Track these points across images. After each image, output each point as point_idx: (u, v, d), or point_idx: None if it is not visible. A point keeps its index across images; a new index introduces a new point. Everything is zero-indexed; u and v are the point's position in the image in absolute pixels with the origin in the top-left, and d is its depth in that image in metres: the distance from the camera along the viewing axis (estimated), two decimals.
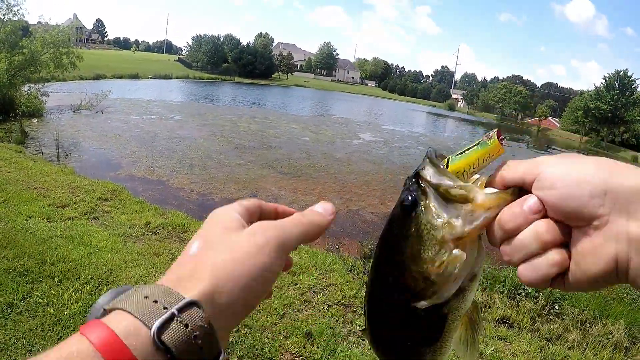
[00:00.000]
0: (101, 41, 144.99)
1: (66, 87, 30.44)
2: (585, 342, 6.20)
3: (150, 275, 5.36)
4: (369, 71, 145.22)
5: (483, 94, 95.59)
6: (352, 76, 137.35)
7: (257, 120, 27.11)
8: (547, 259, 0.50)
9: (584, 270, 0.48)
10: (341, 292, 6.04)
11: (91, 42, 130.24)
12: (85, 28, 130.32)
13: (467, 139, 37.72)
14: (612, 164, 0.47)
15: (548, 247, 0.50)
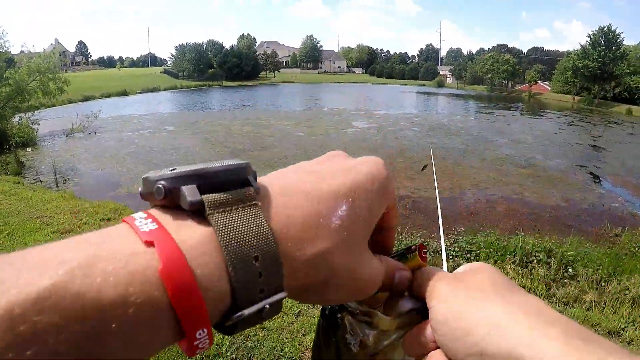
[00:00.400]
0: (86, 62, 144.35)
1: (56, 112, 30.45)
2: (603, 301, 6.21)
3: None
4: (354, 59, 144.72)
5: (471, 67, 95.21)
6: (339, 66, 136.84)
7: (250, 122, 27.05)
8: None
9: None
10: None
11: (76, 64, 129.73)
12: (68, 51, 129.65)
13: (461, 114, 37.72)
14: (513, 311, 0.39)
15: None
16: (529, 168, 16.44)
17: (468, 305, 0.42)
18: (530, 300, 0.41)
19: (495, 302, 0.41)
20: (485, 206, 11.88)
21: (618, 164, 18.66)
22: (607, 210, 12.00)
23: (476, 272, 0.47)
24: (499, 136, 24.37)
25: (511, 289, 0.43)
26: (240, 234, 0.35)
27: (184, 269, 0.31)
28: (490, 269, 0.47)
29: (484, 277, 0.45)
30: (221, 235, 0.34)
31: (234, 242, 0.34)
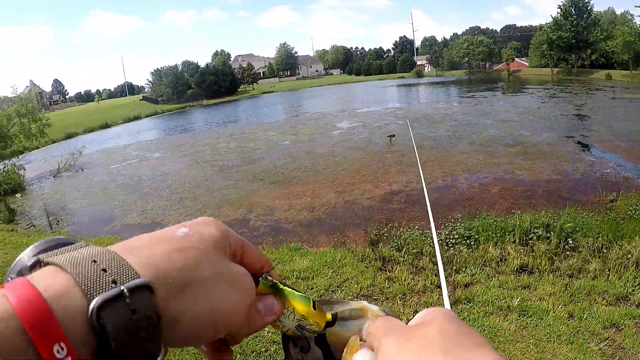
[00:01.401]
0: (64, 100, 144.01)
1: (41, 154, 30.49)
2: (607, 268, 6.23)
3: None
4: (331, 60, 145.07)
5: (447, 54, 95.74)
6: (316, 69, 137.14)
7: (235, 137, 27.02)
8: None
9: None
10: (357, 284, 6.04)
11: (54, 103, 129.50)
12: (44, 91, 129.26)
13: (443, 101, 37.83)
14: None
15: None
16: (517, 146, 16.48)
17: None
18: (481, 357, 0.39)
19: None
20: (479, 190, 11.89)
21: (604, 129, 18.75)
22: (600, 177, 12.04)
23: (426, 326, 0.44)
24: (483, 118, 24.46)
25: (462, 343, 0.40)
26: (74, 256, 0.37)
27: (27, 285, 0.33)
28: (441, 319, 0.44)
29: (433, 332, 0.42)
30: (60, 262, 0.36)
31: (69, 260, 0.36)
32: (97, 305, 0.34)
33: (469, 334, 0.42)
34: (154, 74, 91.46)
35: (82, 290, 0.34)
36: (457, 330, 0.42)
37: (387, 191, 12.32)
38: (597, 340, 4.46)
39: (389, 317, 0.53)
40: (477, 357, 0.38)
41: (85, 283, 0.35)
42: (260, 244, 9.26)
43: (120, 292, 0.35)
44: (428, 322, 0.44)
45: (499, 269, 6.58)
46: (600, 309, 5.06)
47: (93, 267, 0.36)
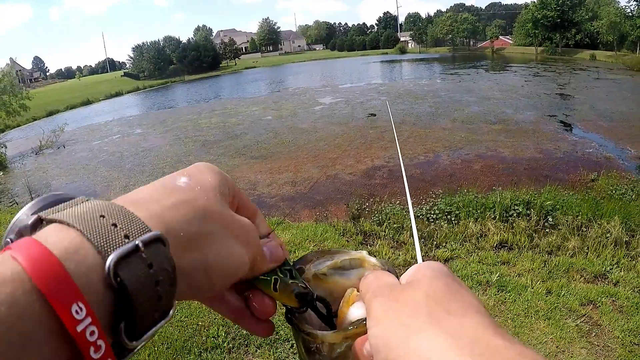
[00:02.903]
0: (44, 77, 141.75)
1: (22, 132, 30.06)
2: (586, 246, 6.28)
3: None
4: (313, 36, 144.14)
5: (431, 30, 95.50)
6: (299, 45, 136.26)
7: (217, 113, 26.77)
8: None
9: None
10: None
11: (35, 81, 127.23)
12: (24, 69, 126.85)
13: (426, 78, 37.75)
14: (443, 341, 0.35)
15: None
16: (500, 124, 16.51)
17: (398, 333, 0.39)
18: (469, 323, 0.37)
19: (426, 330, 0.37)
20: (461, 166, 11.90)
21: (587, 109, 18.82)
22: (581, 157, 12.11)
23: (414, 286, 0.43)
24: (466, 95, 24.44)
25: (449, 307, 0.39)
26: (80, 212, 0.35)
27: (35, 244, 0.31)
28: (430, 278, 0.43)
29: (419, 294, 0.41)
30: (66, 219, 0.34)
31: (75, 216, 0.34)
32: (114, 261, 0.32)
33: (457, 293, 0.41)
34: (135, 50, 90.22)
35: (94, 246, 0.33)
36: (444, 291, 0.41)
37: (369, 166, 12.30)
38: (574, 317, 4.49)
39: (380, 273, 0.50)
40: (462, 321, 0.37)
41: (97, 239, 0.33)
42: None
43: (136, 247, 0.34)
44: (416, 282, 0.44)
45: (479, 245, 6.61)
46: (578, 286, 5.10)
47: (102, 222, 0.35)
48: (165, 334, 4.30)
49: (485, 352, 0.33)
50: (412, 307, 0.39)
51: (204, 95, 41.43)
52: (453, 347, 0.34)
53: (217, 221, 0.43)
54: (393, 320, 0.40)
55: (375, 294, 0.45)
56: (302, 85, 39.49)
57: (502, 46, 77.98)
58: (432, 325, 0.37)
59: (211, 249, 0.41)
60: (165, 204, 0.40)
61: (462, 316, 0.38)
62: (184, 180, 0.45)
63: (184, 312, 4.67)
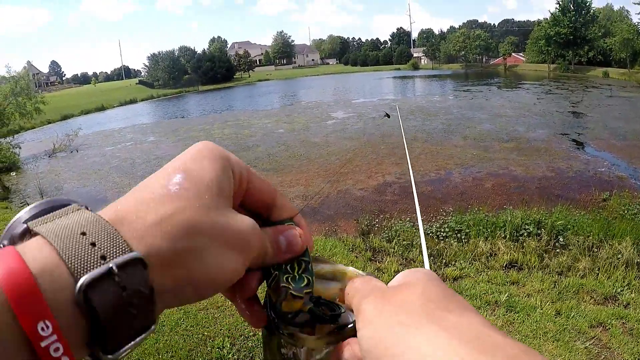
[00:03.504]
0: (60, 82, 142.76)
1: (37, 134, 30.42)
2: (596, 267, 6.24)
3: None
4: (327, 50, 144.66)
5: (444, 46, 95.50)
6: (312, 59, 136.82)
7: (230, 124, 26.94)
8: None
9: None
10: None
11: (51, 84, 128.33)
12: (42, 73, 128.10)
13: (439, 94, 37.75)
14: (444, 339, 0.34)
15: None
16: (512, 141, 16.47)
17: (394, 331, 0.36)
18: (468, 321, 0.36)
19: (425, 327, 0.35)
20: (473, 184, 11.88)
21: (600, 127, 18.73)
22: (593, 176, 12.03)
23: (408, 287, 0.41)
24: (479, 112, 24.41)
25: (446, 307, 0.37)
26: (62, 226, 0.35)
27: (15, 257, 0.31)
28: (424, 281, 0.42)
29: (415, 293, 0.39)
30: (47, 234, 0.34)
31: (56, 231, 0.34)
32: (85, 284, 0.32)
33: (452, 296, 0.40)
34: (151, 59, 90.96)
35: (68, 267, 0.32)
36: (440, 292, 0.40)
37: (380, 182, 12.31)
38: (584, 339, 4.46)
39: (368, 277, 0.49)
40: (460, 319, 0.36)
41: (72, 260, 0.33)
42: None
43: (109, 270, 0.33)
44: (409, 283, 0.42)
45: (489, 264, 6.59)
46: (588, 308, 5.07)
47: (81, 240, 0.34)
48: (170, 343, 4.32)
49: (490, 348, 0.32)
50: (407, 306, 0.38)
51: (217, 106, 41.68)
52: (456, 343, 0.33)
53: (206, 233, 0.40)
54: (387, 319, 0.38)
55: (365, 296, 0.43)
56: (315, 99, 39.62)
57: (514, 63, 77.77)
58: (431, 322, 0.35)
59: (198, 264, 0.39)
60: (148, 221, 0.38)
61: (461, 315, 0.36)
62: (176, 181, 0.42)
63: (190, 322, 4.69)
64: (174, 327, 4.56)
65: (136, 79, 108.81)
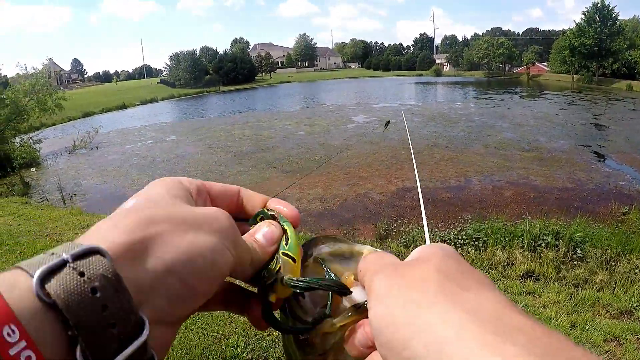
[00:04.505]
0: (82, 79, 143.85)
1: (57, 130, 30.82)
2: (613, 281, 6.22)
3: None
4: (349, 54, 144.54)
5: (467, 53, 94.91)
6: (334, 62, 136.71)
7: (250, 125, 27.11)
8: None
9: None
10: None
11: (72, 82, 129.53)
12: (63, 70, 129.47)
13: (460, 101, 37.59)
14: (460, 318, 0.31)
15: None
16: (532, 151, 16.41)
17: (406, 309, 0.35)
18: (487, 300, 0.34)
19: (439, 305, 0.33)
20: (492, 192, 11.88)
21: (622, 141, 18.56)
22: (613, 189, 11.96)
23: (422, 262, 0.40)
24: (500, 121, 24.33)
25: (463, 283, 0.36)
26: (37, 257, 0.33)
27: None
28: (439, 255, 0.40)
29: (429, 269, 0.38)
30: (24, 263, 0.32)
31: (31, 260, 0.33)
32: (38, 277, 0.30)
33: (470, 272, 0.38)
34: (172, 58, 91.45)
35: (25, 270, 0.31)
36: (456, 268, 0.38)
37: (400, 187, 12.35)
38: (598, 353, 4.44)
39: (382, 253, 0.47)
40: (479, 297, 0.34)
41: (30, 266, 0.31)
42: None
43: (63, 261, 0.32)
44: (424, 258, 0.41)
45: (505, 273, 6.61)
46: (603, 322, 5.06)
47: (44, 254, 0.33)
48: (185, 340, 4.38)
49: (508, 330, 0.30)
50: (420, 283, 0.36)
51: (238, 107, 41.92)
52: (471, 323, 0.31)
53: (165, 221, 0.39)
54: (398, 296, 0.36)
55: (377, 272, 0.42)
56: (336, 102, 39.69)
57: (537, 72, 77.03)
58: (445, 299, 0.34)
59: (166, 249, 0.37)
60: (104, 227, 0.38)
61: (478, 291, 0.34)
62: (131, 202, 0.43)
63: (205, 320, 4.76)
64: (189, 324, 4.62)
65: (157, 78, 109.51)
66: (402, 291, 0.37)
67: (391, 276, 0.40)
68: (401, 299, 0.36)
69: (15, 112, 20.28)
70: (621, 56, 58.69)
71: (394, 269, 0.41)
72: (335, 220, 10.22)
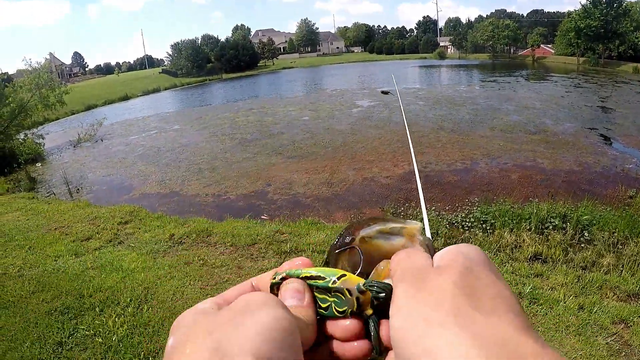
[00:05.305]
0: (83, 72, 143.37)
1: (60, 125, 30.95)
2: (621, 263, 6.23)
3: (185, 285, 5.46)
4: (352, 38, 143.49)
5: (471, 36, 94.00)
6: (337, 46, 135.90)
7: (254, 111, 27.12)
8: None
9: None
10: None
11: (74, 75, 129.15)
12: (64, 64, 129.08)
13: (465, 84, 37.42)
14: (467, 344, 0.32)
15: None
16: (539, 134, 16.36)
17: (417, 327, 0.35)
18: (497, 322, 0.34)
19: (448, 328, 0.34)
20: (499, 175, 11.88)
21: (629, 124, 18.43)
22: (620, 172, 11.92)
23: (442, 273, 0.40)
24: (506, 103, 24.21)
25: (478, 302, 0.36)
26: None
27: None
28: (459, 264, 0.40)
29: (448, 281, 0.38)
30: None
31: None
32: None
33: (488, 286, 0.38)
34: (174, 48, 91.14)
35: None
36: (474, 282, 0.38)
37: (406, 170, 12.35)
38: (605, 335, 4.47)
39: (411, 253, 0.47)
40: (490, 320, 0.34)
41: None
42: (278, 216, 9.43)
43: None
44: (446, 267, 0.40)
45: (513, 256, 6.63)
46: (611, 304, 5.07)
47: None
48: None
49: (513, 358, 0.30)
50: (436, 298, 0.37)
51: (241, 94, 41.86)
52: (476, 350, 0.31)
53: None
54: (414, 311, 0.37)
55: (400, 278, 0.42)
56: (339, 87, 39.59)
57: (543, 55, 76.36)
58: (455, 321, 0.34)
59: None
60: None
61: (491, 314, 0.34)
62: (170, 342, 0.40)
63: None
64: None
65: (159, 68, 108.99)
66: (418, 306, 0.37)
67: (411, 286, 0.40)
68: (415, 314, 0.36)
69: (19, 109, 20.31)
70: (628, 38, 58.03)
71: (415, 278, 0.41)
72: (343, 205, 10.26)
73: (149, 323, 4.60)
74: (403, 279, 0.41)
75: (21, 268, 6.30)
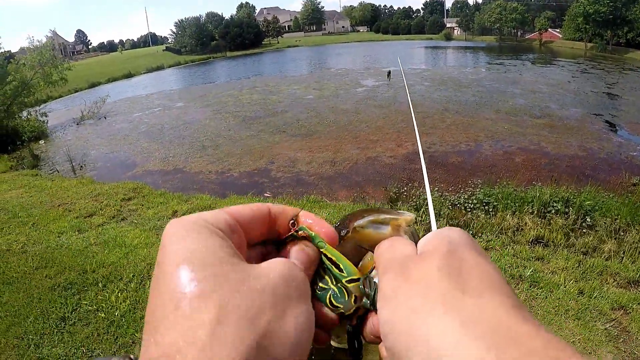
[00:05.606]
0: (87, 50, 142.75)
1: (64, 102, 30.98)
2: (622, 250, 6.24)
3: None
4: (358, 17, 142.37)
5: (478, 18, 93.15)
6: (343, 25, 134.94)
7: (258, 90, 27.02)
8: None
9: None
10: None
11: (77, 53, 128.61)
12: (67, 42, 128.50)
13: (471, 66, 37.19)
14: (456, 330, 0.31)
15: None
16: (544, 118, 16.28)
17: (406, 317, 0.34)
18: (487, 305, 0.32)
19: (438, 313, 0.33)
20: (503, 158, 11.87)
21: (635, 111, 18.27)
22: (625, 159, 11.88)
23: (426, 259, 0.39)
24: (512, 87, 24.05)
25: (465, 284, 0.34)
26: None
27: None
28: (444, 249, 0.39)
29: (432, 269, 0.37)
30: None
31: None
32: None
33: (474, 268, 0.37)
34: (178, 25, 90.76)
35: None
36: (459, 265, 0.37)
37: (410, 150, 12.35)
38: (604, 320, 4.49)
39: (395, 242, 0.46)
40: (479, 303, 0.33)
41: None
42: (281, 194, 9.48)
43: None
44: (429, 253, 0.39)
45: (515, 238, 6.65)
46: (611, 290, 5.09)
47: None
48: None
49: (506, 341, 0.29)
50: (423, 286, 0.35)
51: (245, 72, 41.74)
52: (468, 335, 0.30)
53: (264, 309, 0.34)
54: (402, 302, 0.36)
55: (385, 269, 0.41)
56: (344, 66, 39.45)
57: (550, 39, 75.64)
58: (444, 308, 0.33)
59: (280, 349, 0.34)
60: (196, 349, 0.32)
61: (480, 296, 0.33)
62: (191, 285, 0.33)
63: None
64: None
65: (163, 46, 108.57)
66: (405, 297, 0.36)
67: (397, 277, 0.39)
68: (403, 305, 0.35)
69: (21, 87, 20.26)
70: (636, 25, 57.35)
71: (401, 267, 0.40)
72: (346, 184, 10.28)
73: None
74: (388, 270, 0.41)
75: (25, 244, 6.34)
